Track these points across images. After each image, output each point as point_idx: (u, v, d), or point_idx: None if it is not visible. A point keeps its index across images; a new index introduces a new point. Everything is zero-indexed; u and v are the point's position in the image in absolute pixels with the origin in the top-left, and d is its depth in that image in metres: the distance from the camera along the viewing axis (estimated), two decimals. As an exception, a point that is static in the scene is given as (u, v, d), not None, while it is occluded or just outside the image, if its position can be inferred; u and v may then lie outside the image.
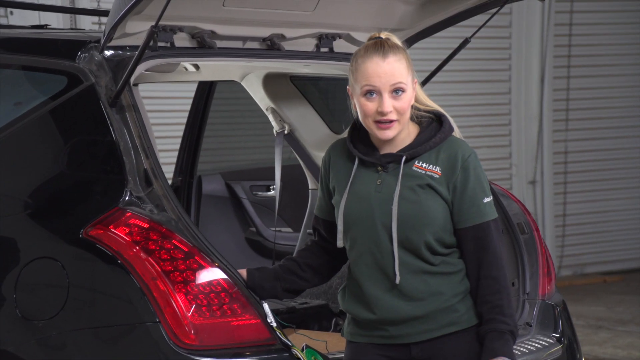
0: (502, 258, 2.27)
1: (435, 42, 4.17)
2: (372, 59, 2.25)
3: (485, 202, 2.26)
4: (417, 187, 2.24)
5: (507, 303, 2.25)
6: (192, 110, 4.05)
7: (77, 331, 2.39)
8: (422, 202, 2.23)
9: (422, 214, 2.22)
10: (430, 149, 2.27)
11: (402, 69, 2.25)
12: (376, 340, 2.28)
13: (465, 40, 3.11)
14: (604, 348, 5.48)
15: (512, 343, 2.25)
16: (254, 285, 2.41)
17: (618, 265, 8.11)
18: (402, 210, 2.22)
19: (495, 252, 2.26)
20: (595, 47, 8.08)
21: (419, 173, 2.25)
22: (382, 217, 2.24)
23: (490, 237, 2.26)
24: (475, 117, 7.60)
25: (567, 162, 8.04)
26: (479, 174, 2.27)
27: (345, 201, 2.29)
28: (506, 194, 3.19)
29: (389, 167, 2.28)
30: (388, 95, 2.23)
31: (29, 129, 2.69)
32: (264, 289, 2.41)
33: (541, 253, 3.05)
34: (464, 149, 2.28)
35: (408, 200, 2.23)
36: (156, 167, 2.51)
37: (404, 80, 2.25)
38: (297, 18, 2.93)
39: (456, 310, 2.25)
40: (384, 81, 2.23)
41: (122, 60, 2.62)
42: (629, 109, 8.25)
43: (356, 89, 2.27)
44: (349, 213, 2.28)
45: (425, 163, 2.26)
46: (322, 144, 3.53)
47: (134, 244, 2.38)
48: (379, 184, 2.27)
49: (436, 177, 2.24)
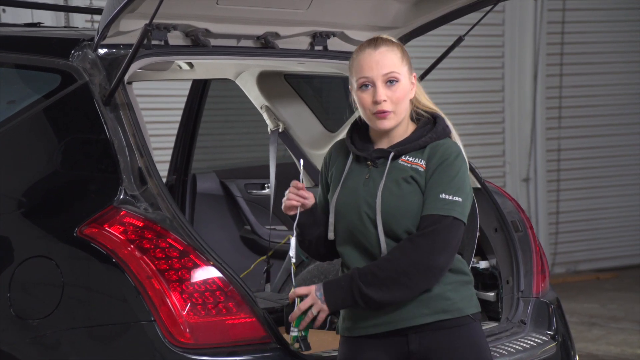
0: (432, 255, 2.19)
1: (428, 40, 4.18)
2: (364, 51, 2.30)
3: (441, 198, 2.22)
4: (401, 180, 2.27)
5: (375, 278, 2.19)
6: (186, 108, 4.04)
7: (71, 330, 2.39)
8: (404, 195, 2.26)
9: (404, 206, 2.25)
10: (418, 148, 2.29)
11: (395, 59, 2.28)
12: (371, 330, 2.28)
13: (459, 39, 3.11)
14: (597, 345, 5.50)
15: (347, 298, 2.21)
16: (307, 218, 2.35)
17: (611, 263, 8.13)
18: (385, 203, 2.26)
19: (432, 241, 2.20)
20: (587, 45, 8.09)
21: (404, 166, 2.29)
22: (367, 210, 2.27)
23: (435, 229, 2.20)
24: (469, 115, 7.61)
25: (560, 159, 8.06)
26: (451, 172, 2.25)
27: (337, 195, 2.34)
28: (500, 192, 3.19)
29: (379, 162, 2.32)
30: (382, 85, 2.27)
31: (23, 127, 2.68)
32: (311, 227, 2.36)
33: (535, 251, 3.05)
34: (452, 148, 2.29)
35: (391, 193, 2.27)
36: (150, 165, 2.50)
37: (397, 70, 2.28)
38: (291, 16, 2.93)
39: (447, 298, 2.26)
40: (375, 71, 2.27)
41: (116, 58, 2.61)
42: (622, 106, 8.27)
43: (353, 84, 2.32)
44: (339, 206, 2.33)
45: (411, 157, 2.30)
46: (316, 142, 3.53)
47: (129, 242, 2.38)
48: (367, 178, 2.31)
49: (420, 171, 2.27)
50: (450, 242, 2.22)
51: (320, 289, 2.26)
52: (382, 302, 2.22)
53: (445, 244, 2.22)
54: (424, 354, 2.26)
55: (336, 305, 2.25)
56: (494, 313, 3.00)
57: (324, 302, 2.25)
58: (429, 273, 2.22)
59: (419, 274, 2.21)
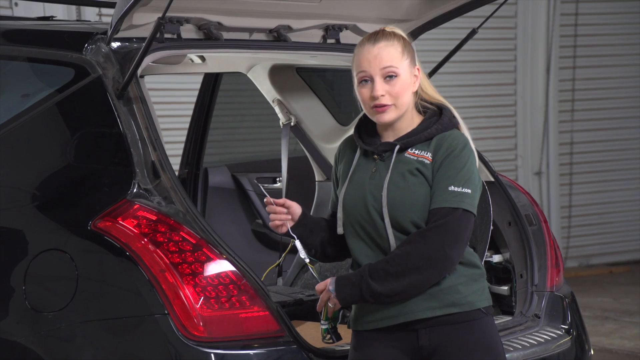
0: (443, 248, 2.18)
1: (441, 33, 4.16)
2: (363, 47, 2.30)
3: (450, 190, 2.22)
4: (407, 173, 2.27)
5: (387, 274, 2.19)
6: (197, 102, 4.04)
7: (86, 323, 2.40)
8: (410, 187, 2.25)
9: (410, 199, 2.24)
10: (424, 140, 2.29)
11: (394, 53, 2.27)
12: (380, 323, 2.28)
13: (473, 31, 3.09)
14: (611, 339, 5.48)
15: (355, 295, 2.22)
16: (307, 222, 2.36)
17: (624, 256, 8.10)
18: (391, 196, 2.25)
19: (442, 234, 2.19)
20: (601, 37, 8.04)
21: (410, 159, 2.28)
22: (374, 203, 2.27)
23: (445, 222, 2.19)
24: (481, 108, 7.59)
25: (572, 153, 8.02)
26: (459, 164, 2.24)
27: (345, 189, 2.34)
28: (514, 185, 3.18)
29: (385, 155, 2.31)
30: (380, 80, 2.26)
31: (37, 121, 2.68)
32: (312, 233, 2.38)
33: (549, 245, 3.04)
34: (458, 140, 2.28)
35: (397, 186, 2.26)
36: (164, 159, 2.51)
37: (396, 64, 2.27)
38: (304, 9, 2.93)
39: (458, 291, 2.25)
40: (373, 66, 2.26)
41: (129, 52, 2.61)
42: (635, 99, 8.22)
43: (354, 79, 2.32)
44: (347, 201, 2.32)
45: (417, 150, 2.29)
46: (328, 136, 3.53)
47: (142, 236, 2.38)
48: (373, 171, 2.31)
49: (426, 163, 2.26)
50: (461, 235, 2.22)
51: (333, 283, 2.27)
52: (392, 297, 2.22)
53: (456, 236, 2.21)
54: (435, 349, 2.25)
55: (346, 301, 2.26)
56: (508, 307, 3.00)
57: (335, 296, 2.25)
58: (441, 266, 2.21)
59: (430, 268, 2.20)
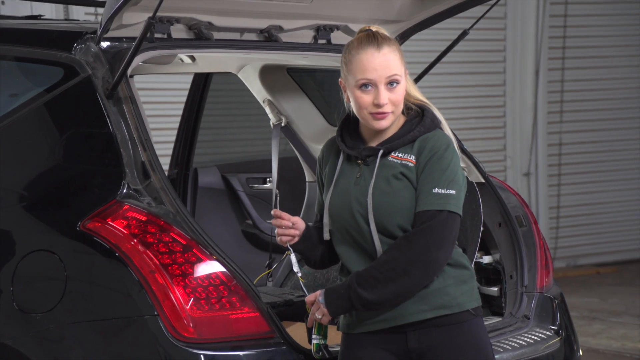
0: (430, 251, 2.18)
1: (431, 34, 4.16)
2: (366, 51, 2.25)
3: (434, 192, 2.21)
4: (391, 177, 2.26)
5: (375, 281, 2.18)
6: (187, 102, 4.03)
7: (74, 324, 2.39)
8: (395, 192, 2.24)
9: (395, 203, 2.24)
10: (407, 143, 2.28)
11: (397, 61, 2.26)
12: (370, 327, 2.28)
13: (464, 32, 3.10)
14: (598, 339, 5.50)
15: (346, 305, 2.22)
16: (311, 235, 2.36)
17: (612, 257, 8.13)
18: (376, 201, 2.25)
19: (428, 237, 2.18)
20: (590, 39, 8.07)
21: (394, 163, 2.27)
22: (359, 209, 2.26)
23: (430, 225, 2.19)
24: (470, 109, 7.59)
25: (561, 154, 8.05)
26: (442, 165, 2.23)
27: (330, 195, 2.33)
28: (504, 186, 3.18)
29: (369, 160, 2.30)
30: (384, 87, 2.25)
31: (25, 121, 2.67)
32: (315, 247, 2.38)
33: (539, 246, 3.05)
34: (441, 141, 2.27)
35: (382, 191, 2.26)
36: (154, 159, 2.50)
37: (399, 72, 2.26)
38: (295, 9, 2.92)
39: (447, 293, 2.25)
40: (379, 73, 2.24)
41: (119, 51, 2.60)
42: (624, 100, 8.26)
43: (350, 81, 2.27)
44: (332, 207, 2.32)
45: (401, 153, 2.28)
46: (319, 136, 3.52)
47: (132, 236, 2.37)
48: (358, 177, 2.30)
49: (410, 166, 2.26)
50: (447, 236, 2.21)
51: (322, 295, 2.27)
52: (383, 303, 2.22)
53: (442, 238, 2.20)
54: (424, 351, 2.25)
55: (337, 312, 2.27)
56: (498, 308, 3.00)
57: (324, 308, 2.25)
58: (428, 269, 2.21)
59: (418, 271, 2.20)
